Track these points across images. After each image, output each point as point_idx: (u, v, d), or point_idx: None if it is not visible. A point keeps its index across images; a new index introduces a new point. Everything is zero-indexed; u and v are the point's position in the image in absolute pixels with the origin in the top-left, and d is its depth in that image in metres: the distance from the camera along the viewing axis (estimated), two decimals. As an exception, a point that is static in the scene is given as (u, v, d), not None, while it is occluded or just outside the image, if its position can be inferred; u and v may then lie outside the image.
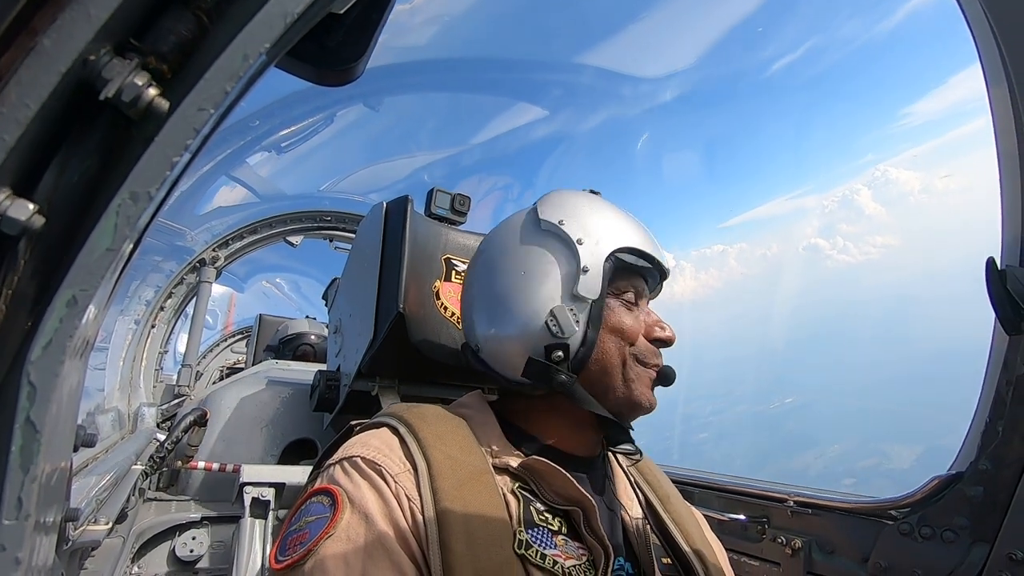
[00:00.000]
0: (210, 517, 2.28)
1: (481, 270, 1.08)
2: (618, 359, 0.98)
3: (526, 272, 1.01)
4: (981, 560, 1.20)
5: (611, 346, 0.98)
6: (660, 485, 1.10)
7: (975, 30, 1.16)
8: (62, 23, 0.39)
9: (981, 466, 1.21)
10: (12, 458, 0.40)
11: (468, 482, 0.83)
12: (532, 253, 1.02)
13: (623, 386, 0.97)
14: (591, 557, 0.84)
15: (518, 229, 1.07)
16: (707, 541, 1.04)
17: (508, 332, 1.00)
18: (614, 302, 1.01)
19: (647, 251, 1.02)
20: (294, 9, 0.44)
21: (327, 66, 0.60)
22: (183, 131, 0.43)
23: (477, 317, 1.06)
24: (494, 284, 1.04)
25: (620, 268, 1.00)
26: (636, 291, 1.03)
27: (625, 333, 0.99)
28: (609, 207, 1.06)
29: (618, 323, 0.99)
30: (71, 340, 0.41)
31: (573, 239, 0.99)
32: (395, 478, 0.82)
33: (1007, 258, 1.18)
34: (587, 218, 1.02)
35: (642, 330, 1.01)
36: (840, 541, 1.48)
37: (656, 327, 1.02)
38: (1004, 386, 1.19)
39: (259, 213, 4.14)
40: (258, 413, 2.59)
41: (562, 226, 1.00)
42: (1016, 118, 1.11)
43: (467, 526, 0.77)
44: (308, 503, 0.84)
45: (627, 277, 1.02)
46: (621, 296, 1.02)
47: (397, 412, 0.96)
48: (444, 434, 0.90)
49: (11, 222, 0.39)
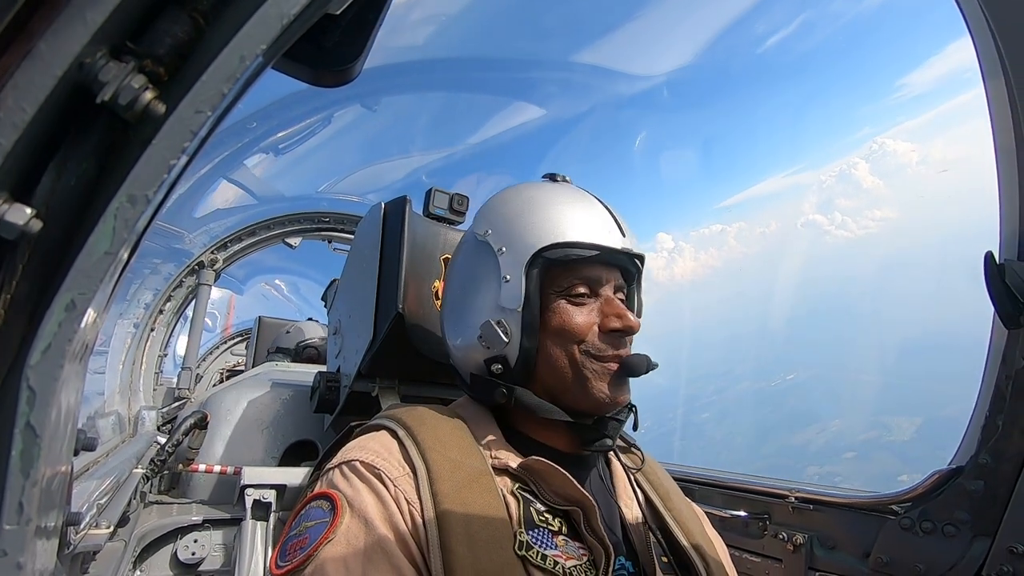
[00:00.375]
0: (212, 520, 2.27)
1: (446, 282, 1.13)
2: (566, 360, 0.95)
3: (463, 287, 1.05)
4: (982, 554, 1.20)
5: (556, 349, 0.96)
6: (660, 483, 1.09)
7: (972, 27, 1.16)
8: (58, 26, 0.39)
9: (981, 460, 1.21)
10: (12, 463, 0.39)
11: (468, 484, 0.83)
12: (467, 267, 1.05)
13: (577, 386, 0.95)
14: (592, 557, 0.84)
15: (464, 242, 1.10)
16: (708, 537, 1.03)
17: (457, 344, 1.04)
18: (559, 302, 0.97)
19: (584, 240, 0.95)
20: (290, 10, 0.44)
21: (324, 67, 0.60)
22: (180, 133, 0.43)
23: (444, 328, 1.10)
24: (447, 297, 1.10)
25: (554, 265, 0.96)
26: (588, 283, 0.98)
27: (571, 332, 0.95)
28: (550, 201, 1.00)
29: (561, 323, 0.96)
30: (70, 344, 0.41)
31: (495, 249, 0.98)
32: (394, 482, 0.82)
33: (1005, 252, 1.18)
34: (512, 223, 0.99)
35: (596, 323, 0.96)
36: (841, 536, 1.49)
37: (611, 317, 0.96)
38: (1003, 380, 1.19)
39: (257, 215, 4.14)
40: (258, 415, 2.59)
41: (488, 237, 1.01)
42: (1013, 114, 1.11)
43: (467, 528, 0.77)
44: (307, 508, 0.84)
45: (572, 271, 0.97)
46: (567, 293, 0.97)
47: (396, 415, 0.96)
48: (443, 436, 0.90)
49: (9, 226, 0.39)
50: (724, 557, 1.06)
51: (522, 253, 0.96)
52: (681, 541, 0.97)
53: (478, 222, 1.06)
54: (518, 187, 1.08)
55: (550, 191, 1.03)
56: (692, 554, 0.95)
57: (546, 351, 0.96)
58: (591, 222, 0.98)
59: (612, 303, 0.98)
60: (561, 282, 0.97)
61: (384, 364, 1.76)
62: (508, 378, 0.97)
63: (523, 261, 0.95)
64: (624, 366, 0.96)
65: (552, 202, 1.00)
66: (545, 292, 0.97)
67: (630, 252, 1.00)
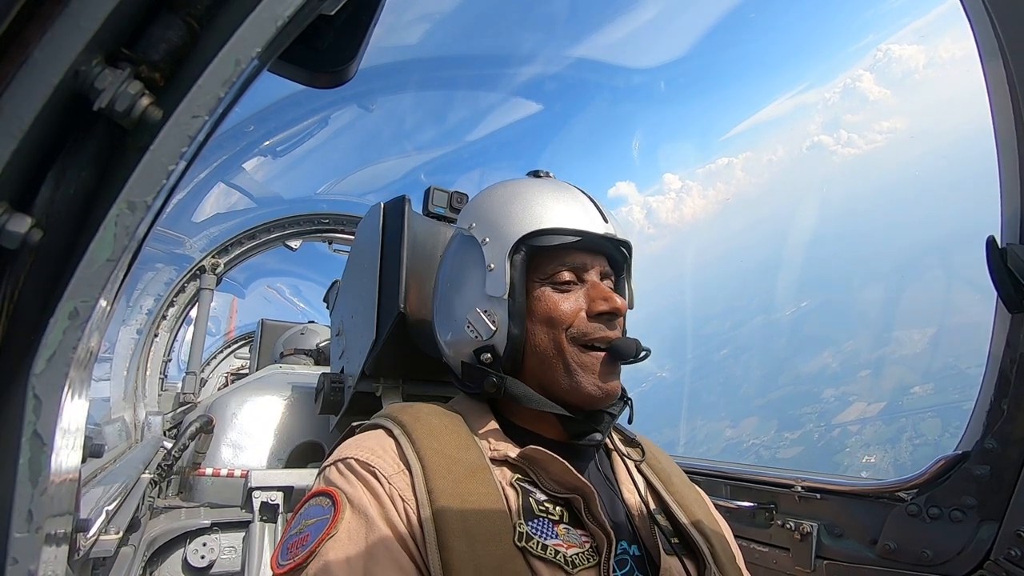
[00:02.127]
0: (220, 523, 2.28)
1: (436, 281, 1.15)
2: (553, 348, 0.95)
3: (451, 281, 1.06)
4: (990, 538, 1.20)
5: (543, 337, 0.96)
6: (661, 467, 1.08)
7: (970, 10, 1.16)
8: (52, 35, 0.39)
9: (987, 445, 1.21)
10: (21, 471, 0.40)
11: (465, 479, 0.83)
12: (455, 262, 1.07)
13: (566, 377, 0.94)
14: (594, 543, 0.84)
15: (451, 240, 1.13)
16: (713, 518, 1.03)
17: (448, 339, 1.06)
18: (544, 289, 0.97)
19: (565, 226, 0.96)
20: (284, 12, 0.44)
21: (319, 68, 0.60)
22: (178, 139, 0.43)
23: (435, 326, 1.11)
24: (437, 295, 1.12)
25: (537, 252, 0.97)
26: (573, 270, 0.98)
27: (557, 319, 0.95)
28: (532, 193, 1.01)
29: (546, 310, 0.96)
30: (75, 352, 0.42)
31: (479, 240, 1.00)
32: (389, 479, 0.82)
33: (1007, 236, 1.17)
34: (495, 214, 1.01)
35: (583, 308, 0.96)
36: (848, 524, 1.49)
37: (597, 301, 0.95)
38: (1008, 365, 1.19)
39: (257, 218, 4.14)
40: (264, 418, 2.60)
41: (472, 230, 1.02)
42: (1013, 98, 1.11)
43: (464, 523, 0.77)
44: (307, 506, 0.85)
45: (555, 258, 0.97)
46: (552, 280, 0.97)
47: (391, 413, 0.96)
48: (439, 432, 0.90)
49: (10, 236, 0.39)
50: (729, 537, 1.05)
51: (505, 241, 0.97)
52: (683, 521, 0.97)
53: (463, 218, 1.08)
54: (501, 183, 1.09)
55: (532, 185, 1.05)
56: (694, 534, 0.95)
57: (533, 339, 0.96)
58: (572, 210, 0.99)
59: (597, 287, 0.98)
60: (546, 269, 0.98)
61: (387, 364, 1.76)
62: (498, 367, 0.97)
63: (507, 248, 0.96)
64: (612, 350, 0.95)
65: (534, 194, 1.01)
66: (530, 280, 0.98)
67: (612, 237, 1.00)
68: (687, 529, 0.95)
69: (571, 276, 0.98)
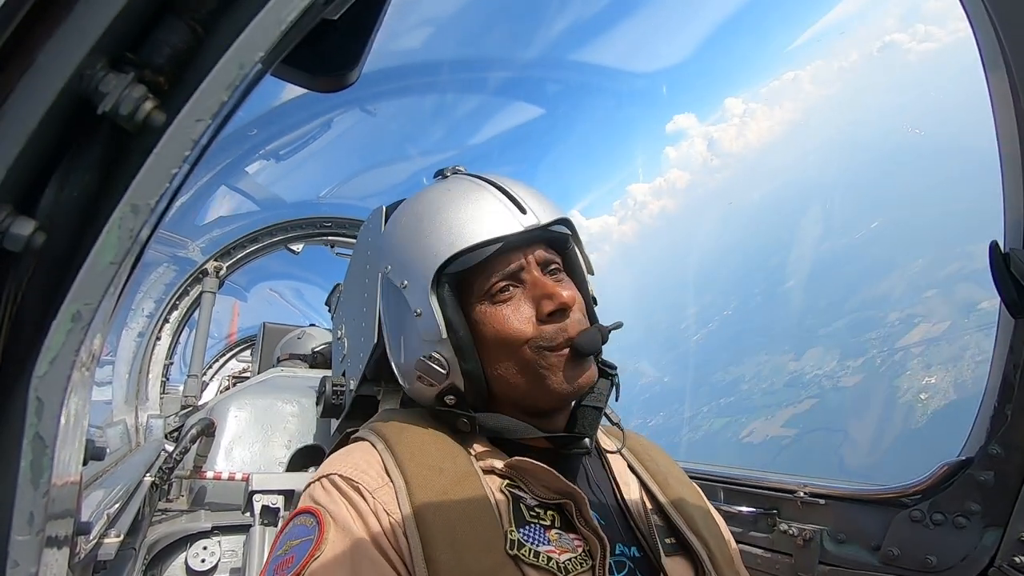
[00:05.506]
0: (221, 526, 2.28)
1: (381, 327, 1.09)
2: (517, 365, 0.89)
3: (390, 333, 1.02)
4: (994, 544, 1.20)
5: (502, 360, 0.90)
6: (656, 467, 1.05)
7: (972, 17, 1.16)
8: (57, 39, 0.39)
9: (991, 451, 1.21)
10: (22, 474, 0.40)
11: (452, 488, 0.82)
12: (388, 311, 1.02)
13: (536, 386, 0.89)
14: (587, 547, 0.83)
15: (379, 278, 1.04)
16: (711, 519, 1.01)
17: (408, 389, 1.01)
18: (484, 307, 0.90)
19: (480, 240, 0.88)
20: (288, 16, 0.44)
21: (322, 72, 0.61)
22: (181, 142, 0.43)
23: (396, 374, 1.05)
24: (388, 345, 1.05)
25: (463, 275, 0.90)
26: (506, 276, 0.90)
27: (510, 336, 0.88)
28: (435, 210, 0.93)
29: (494, 333, 0.89)
30: (77, 354, 0.42)
31: (399, 285, 0.94)
32: (373, 494, 0.81)
33: (1010, 241, 1.17)
34: (405, 250, 0.94)
35: (532, 315, 0.89)
36: (851, 530, 1.48)
37: (543, 301, 0.88)
38: (1011, 370, 1.18)
39: (259, 221, 4.15)
40: (265, 421, 2.60)
41: (390, 274, 0.96)
42: (1016, 104, 1.11)
43: (452, 534, 0.76)
44: (291, 526, 0.84)
45: (484, 272, 0.90)
46: (488, 295, 0.90)
47: (376, 426, 0.95)
48: (424, 444, 0.88)
49: (14, 239, 0.39)
50: (729, 538, 1.04)
51: (423, 280, 0.90)
52: (677, 522, 0.95)
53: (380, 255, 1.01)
54: (406, 202, 1.02)
55: (436, 199, 0.96)
56: (689, 534, 0.93)
57: (492, 367, 0.91)
58: (482, 216, 0.90)
59: (538, 284, 0.90)
60: (479, 286, 0.91)
61: (388, 367, 1.75)
62: (464, 407, 0.92)
63: (427, 288, 0.89)
64: (574, 348, 0.88)
65: (438, 210, 0.93)
66: (466, 304, 0.91)
67: (535, 227, 0.91)
68: (682, 530, 0.94)
69: (507, 282, 0.90)
